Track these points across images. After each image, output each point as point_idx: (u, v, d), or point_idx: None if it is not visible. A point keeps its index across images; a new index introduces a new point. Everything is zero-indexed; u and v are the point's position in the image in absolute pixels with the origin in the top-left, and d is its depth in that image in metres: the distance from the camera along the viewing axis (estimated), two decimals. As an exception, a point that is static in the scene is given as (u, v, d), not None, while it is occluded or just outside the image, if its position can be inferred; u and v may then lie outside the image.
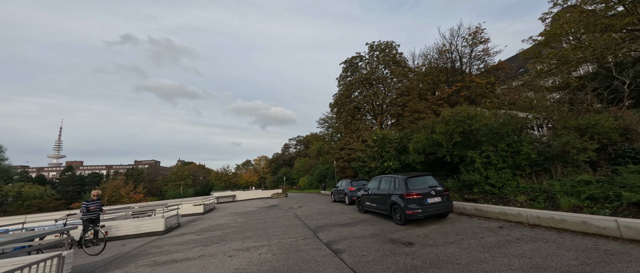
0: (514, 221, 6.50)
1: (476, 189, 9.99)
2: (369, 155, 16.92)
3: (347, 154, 21.87)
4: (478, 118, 9.69)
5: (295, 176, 56.95)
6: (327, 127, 53.33)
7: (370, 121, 24.28)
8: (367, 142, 17.31)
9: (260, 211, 14.51)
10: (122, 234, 8.24)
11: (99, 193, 7.46)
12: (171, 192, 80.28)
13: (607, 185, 6.55)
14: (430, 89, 25.09)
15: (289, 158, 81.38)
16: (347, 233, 6.94)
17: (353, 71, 25.08)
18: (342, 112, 24.88)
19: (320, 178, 39.89)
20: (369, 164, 16.71)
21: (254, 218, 11.34)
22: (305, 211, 12.26)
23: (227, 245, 6.52)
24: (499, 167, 9.41)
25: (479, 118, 9.67)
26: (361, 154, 17.38)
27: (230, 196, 26.48)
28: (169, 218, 9.63)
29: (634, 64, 10.54)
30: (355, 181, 13.92)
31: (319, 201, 17.08)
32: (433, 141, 12.34)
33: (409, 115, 20.28)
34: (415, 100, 21.56)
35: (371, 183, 9.88)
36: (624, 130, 7.36)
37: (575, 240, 4.69)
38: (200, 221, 11.75)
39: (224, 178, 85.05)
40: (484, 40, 22.52)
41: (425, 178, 7.83)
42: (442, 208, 7.11)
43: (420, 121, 17.23)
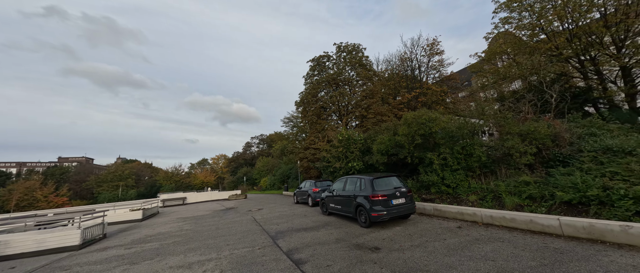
0: (470, 221, 6.78)
1: (433, 189, 10.45)
2: (334, 155, 16.72)
3: (311, 154, 21.42)
4: (438, 121, 10.15)
5: (257, 177, 54.45)
6: (291, 126, 52.33)
7: (336, 121, 24.31)
8: (332, 142, 17.11)
9: (213, 215, 12.99)
10: (16, 252, 6.19)
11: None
12: (106, 194, 69.03)
13: (543, 186, 7.31)
14: (392, 93, 26.33)
15: (251, 158, 77.66)
16: (310, 238, 6.36)
17: (320, 70, 24.80)
18: (307, 111, 24.35)
19: (283, 178, 38.71)
20: (333, 165, 16.49)
21: (205, 224, 9.97)
22: (265, 215, 11.32)
23: (163, 261, 5.32)
24: (454, 168, 9.98)
25: (438, 121, 10.14)
26: (326, 154, 17.08)
27: (180, 199, 23.61)
28: (90, 229, 7.72)
29: (555, 82, 12.50)
30: (320, 182, 13.49)
31: (281, 203, 16.21)
32: (395, 142, 12.64)
33: (372, 117, 20.80)
34: (379, 103, 22.27)
35: (336, 183, 9.52)
36: (554, 136, 8.43)
37: (526, 238, 4.94)
38: (136, 230, 9.84)
39: (175, 178, 76.69)
40: (440, 52, 24.56)
41: (390, 179, 7.74)
42: (405, 210, 7.07)
43: (383, 123, 17.72)
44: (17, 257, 6.21)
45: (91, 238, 7.85)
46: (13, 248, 6.19)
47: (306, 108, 24.55)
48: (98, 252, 6.50)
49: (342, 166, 16.18)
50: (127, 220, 12.61)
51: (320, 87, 23.87)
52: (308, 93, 23.72)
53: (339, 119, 23.83)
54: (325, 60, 24.54)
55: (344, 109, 23.10)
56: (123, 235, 8.84)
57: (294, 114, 50.48)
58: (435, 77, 26.04)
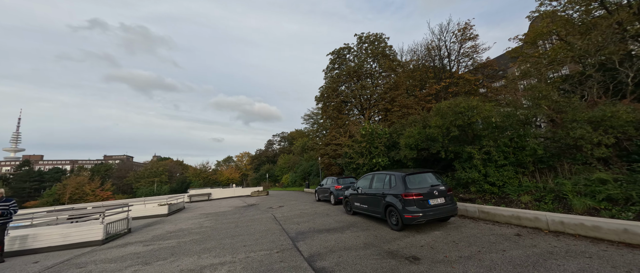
0: (530, 227, 5.54)
1: (474, 188, 9.13)
2: (357, 151, 15.78)
3: (333, 150, 20.65)
4: (479, 109, 8.78)
5: (278, 173, 55.09)
6: (312, 123, 52.00)
7: (357, 116, 23.23)
8: (354, 137, 16.17)
9: (234, 212, 12.84)
10: (43, 246, 6.30)
11: (2, 193, 5.47)
12: (143, 189, 74.88)
13: (628, 185, 5.79)
14: (418, 85, 24.50)
15: (273, 155, 79.05)
16: (334, 242, 5.63)
17: (340, 63, 23.83)
18: (328, 106, 23.57)
19: (304, 175, 38.49)
20: (356, 161, 15.57)
21: (225, 221, 9.72)
22: (285, 212, 10.82)
23: (175, 262, 4.94)
24: (500, 164, 8.57)
25: (480, 110, 8.75)
26: (348, 150, 16.20)
27: (205, 195, 24.29)
28: (114, 224, 7.75)
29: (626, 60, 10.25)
30: (342, 179, 12.70)
31: (302, 200, 15.70)
32: (426, 135, 11.38)
33: (397, 110, 19.42)
34: (404, 95, 20.76)
35: (361, 181, 8.65)
36: (638, 124, 6.72)
37: (624, 254, 3.71)
38: (159, 226, 9.90)
39: (203, 175, 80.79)
40: (473, 36, 22.18)
41: (425, 176, 6.70)
42: (445, 211, 6.01)
43: (410, 117, 16.35)
44: (44, 251, 6.32)
45: (115, 233, 7.90)
46: (40, 241, 6.30)
47: (326, 102, 23.78)
48: (117, 248, 6.40)
49: (366, 162, 15.20)
50: (155, 214, 12.94)
51: (340, 81, 22.93)
52: (328, 87, 22.91)
53: (361, 113, 22.72)
54: (346, 52, 23.50)
55: (366, 102, 21.93)
56: (146, 230, 8.86)
57: (314, 110, 50.00)
58: (467, 65, 23.68)
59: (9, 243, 6.09)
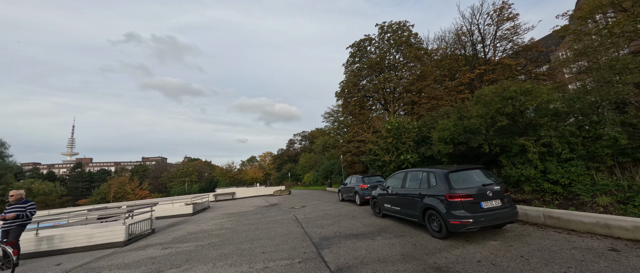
0: (627, 239, 4.21)
1: (528, 187, 7.69)
2: (382, 147, 14.68)
3: (355, 148, 19.66)
4: (535, 93, 7.30)
5: (300, 172, 55.16)
6: (332, 121, 51.18)
7: (381, 110, 21.91)
8: (379, 133, 15.07)
9: (256, 212, 12.53)
10: (69, 246, 6.33)
11: (22, 194, 5.48)
12: (176, 188, 79.81)
13: None
14: (448, 75, 22.47)
15: (294, 154, 79.68)
16: (364, 251, 4.81)
17: (361, 56, 22.67)
18: (349, 101, 22.57)
19: (325, 174, 37.85)
20: (382, 158, 14.48)
21: (246, 222, 9.34)
22: (308, 213, 10.18)
23: (189, 271, 4.48)
24: (564, 157, 7.06)
25: (536, 93, 7.28)
26: (373, 146, 15.16)
27: (230, 194, 24.71)
28: (137, 224, 7.68)
29: None
30: (368, 178, 11.74)
31: (325, 200, 15.00)
32: (464, 128, 10.02)
33: (426, 102, 17.84)
34: (432, 86, 19.06)
35: (391, 179, 7.68)
36: None
37: None
38: (182, 226, 9.83)
39: (229, 174, 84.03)
40: (512, 16, 19.68)
41: (471, 173, 5.57)
42: (503, 216, 4.87)
43: (441, 109, 14.82)
44: (69, 252, 6.34)
45: (139, 234, 7.85)
46: (67, 242, 6.34)
47: (347, 98, 22.80)
48: (136, 251, 6.21)
49: (392, 159, 14.05)
50: (181, 213, 13.10)
51: (361, 75, 21.79)
52: (348, 82, 21.90)
53: (384, 107, 21.39)
54: (367, 44, 22.28)
55: (390, 96, 20.55)
56: (169, 231, 8.77)
57: (335, 108, 49.09)
58: (506, 49, 21.13)
59: (37, 244, 6.18)
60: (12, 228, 5.00)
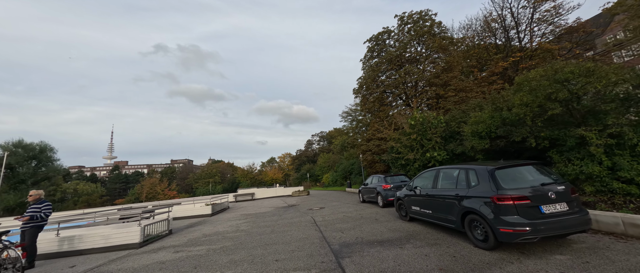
0: None
1: (590, 187, 6.39)
2: (405, 145, 13.63)
3: (376, 146, 18.69)
4: (599, 73, 6.01)
5: (319, 173, 54.78)
6: (350, 120, 50.20)
7: (402, 106, 20.67)
8: (402, 129, 14.03)
9: (273, 213, 12.16)
10: (87, 247, 6.32)
11: (41, 194, 5.50)
12: (201, 189, 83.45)
13: None
14: (477, 65, 20.62)
15: (313, 155, 79.59)
16: (392, 262, 4.07)
17: (380, 50, 21.62)
18: (367, 98, 21.62)
19: (344, 174, 37.01)
20: (405, 156, 13.45)
21: (262, 225, 8.94)
22: (326, 216, 9.56)
23: (195, 279, 4.07)
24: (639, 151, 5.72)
25: (600, 74, 5.98)
26: (395, 144, 14.15)
27: (249, 194, 24.87)
28: (153, 225, 7.59)
29: None
30: (390, 177, 10.83)
31: (345, 201, 14.27)
32: (503, 119, 8.80)
33: (453, 95, 16.41)
34: (460, 77, 17.51)
35: (420, 179, 6.80)
36: None
37: None
38: (200, 227, 9.69)
39: (250, 175, 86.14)
40: (552, -5, 17.49)
41: (522, 170, 4.57)
42: (572, 224, 3.85)
43: (471, 101, 13.43)
44: (87, 252, 6.33)
45: (157, 235, 7.75)
46: (85, 243, 6.33)
47: (365, 95, 21.87)
48: (149, 253, 6.01)
49: (417, 157, 12.97)
50: (200, 214, 13.15)
51: (380, 70, 20.74)
52: (367, 78, 20.97)
53: (406, 103, 20.13)
54: (386, 37, 21.19)
55: (412, 90, 19.28)
56: (185, 233, 8.63)
57: (352, 107, 48.04)
58: (545, 33, 18.86)
59: (59, 244, 6.24)
60: (27, 229, 5.01)
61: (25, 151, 47.42)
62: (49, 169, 51.41)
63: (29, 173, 47.83)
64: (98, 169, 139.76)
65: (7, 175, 46.49)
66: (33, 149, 48.47)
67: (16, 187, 45.23)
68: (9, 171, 46.55)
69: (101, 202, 73.44)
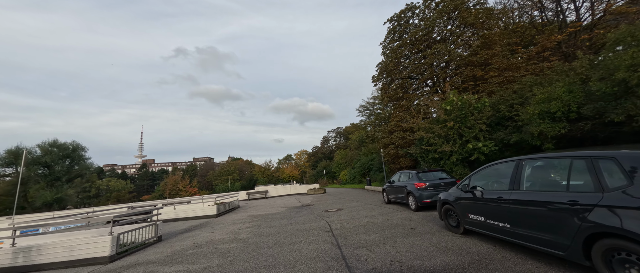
0: None
1: None
2: (439, 134, 11.36)
3: (400, 138, 16.44)
4: None
5: (336, 170, 52.93)
6: (368, 115, 47.72)
7: (429, 93, 18.11)
8: (436, 116, 11.75)
9: (284, 215, 10.58)
10: (47, 261, 5.08)
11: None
12: (221, 186, 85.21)
13: None
14: (521, 42, 17.46)
15: (329, 151, 77.88)
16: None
17: (402, 32, 19.15)
18: (388, 85, 19.32)
19: (363, 170, 34.81)
20: (439, 148, 11.18)
21: (266, 231, 7.34)
22: (345, 221, 7.74)
23: None
24: None
25: None
26: (425, 134, 11.92)
27: (263, 192, 23.71)
28: (134, 232, 6.24)
29: None
30: (423, 173, 8.70)
31: (365, 201, 12.34)
32: (590, 93, 6.41)
33: (495, 75, 13.71)
34: (504, 53, 14.67)
35: (481, 176, 4.73)
36: None
37: None
38: (197, 232, 8.33)
39: (267, 172, 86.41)
40: (624, -53, 13.99)
41: None
42: None
43: (524, 79, 10.83)
44: (47, 268, 5.08)
45: (140, 243, 6.43)
46: (44, 256, 5.09)
47: (386, 82, 19.57)
48: (118, 272, 4.59)
49: (455, 149, 10.67)
50: (204, 215, 11.93)
51: (404, 54, 18.32)
52: (388, 62, 18.63)
53: (434, 89, 17.56)
54: (409, 14, 18.67)
55: (442, 73, 16.68)
56: (175, 240, 7.26)
57: (370, 100, 45.49)
58: None
59: (12, 257, 5.04)
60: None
61: (60, 150, 50.38)
62: (81, 167, 54.49)
63: (64, 171, 50.82)
64: (128, 167, 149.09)
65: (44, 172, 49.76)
66: (66, 148, 51.43)
67: (53, 184, 48.19)
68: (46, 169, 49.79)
69: (129, 198, 77.48)
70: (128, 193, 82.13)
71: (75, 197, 55.38)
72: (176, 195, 74.94)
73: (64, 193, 48.45)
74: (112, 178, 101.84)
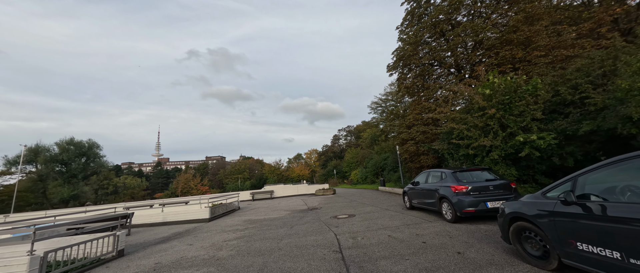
0: None
1: None
2: (475, 125, 9.24)
3: (420, 133, 14.30)
4: None
5: (346, 169, 50.85)
6: (381, 112, 45.33)
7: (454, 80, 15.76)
8: (472, 102, 9.57)
9: (284, 222, 8.85)
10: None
11: None
12: (231, 185, 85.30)
13: None
14: (564, 20, 14.77)
15: (339, 151, 75.77)
16: None
17: (421, 15, 16.91)
18: (406, 74, 17.17)
19: (375, 170, 32.62)
20: (474, 142, 9.04)
21: (255, 248, 5.62)
22: (359, 234, 5.87)
23: None
24: None
25: None
26: (456, 125, 9.78)
27: (268, 192, 22.18)
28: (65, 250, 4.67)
29: None
30: (463, 173, 6.64)
31: (381, 205, 10.39)
32: None
33: (541, 55, 11.30)
34: (547, 32, 12.19)
35: (601, 175, 2.75)
36: None
37: None
38: (173, 243, 6.76)
39: (276, 171, 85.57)
40: None
41: None
42: None
43: (589, 53, 8.48)
44: None
45: (87, 262, 4.87)
46: None
47: (403, 72, 17.41)
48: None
49: (497, 143, 8.53)
50: (195, 219, 10.43)
51: (424, 37, 16.10)
52: (406, 48, 16.47)
53: (461, 77, 15.20)
54: (431, -9, 16.39)
55: (472, 54, 14.31)
56: (140, 256, 5.68)
57: (382, 97, 43.10)
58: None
59: None
60: None
61: (76, 148, 51.49)
62: (96, 165, 55.61)
63: (80, 168, 51.94)
64: (144, 165, 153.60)
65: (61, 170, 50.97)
66: (83, 146, 52.54)
67: (69, 181, 49.25)
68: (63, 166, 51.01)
69: (142, 196, 79.08)
70: (142, 191, 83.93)
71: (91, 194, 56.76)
72: (188, 193, 75.53)
73: (80, 190, 49.50)
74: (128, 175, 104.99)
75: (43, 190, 48.44)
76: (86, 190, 52.13)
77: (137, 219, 10.24)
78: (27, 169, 48.62)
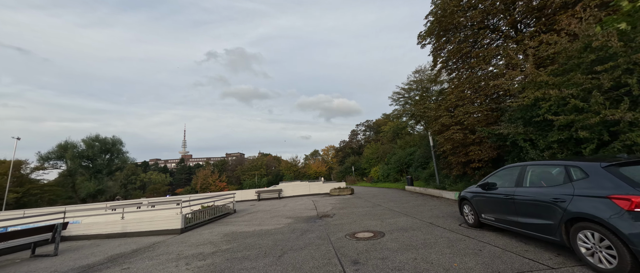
0: None
1: None
2: (596, 86, 5.42)
3: (469, 115, 10.48)
4: None
5: (366, 166, 47.00)
6: (403, 103, 40.85)
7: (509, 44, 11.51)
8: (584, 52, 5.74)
9: (279, 239, 5.79)
10: None
11: None
12: (248, 181, 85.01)
13: None
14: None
15: (358, 146, 71.71)
16: None
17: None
18: (447, 38, 13.25)
19: (399, 166, 28.69)
20: (590, 117, 5.25)
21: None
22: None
23: None
24: None
25: None
26: (551, 91, 5.98)
27: (276, 191, 19.45)
28: None
29: None
30: (636, 167, 3.13)
31: (421, 216, 6.94)
32: None
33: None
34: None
35: None
36: None
37: None
38: None
39: (293, 168, 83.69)
40: None
41: None
42: None
43: None
44: None
45: None
46: None
47: (441, 33, 13.48)
48: None
49: (635, 117, 4.57)
50: (163, 229, 7.75)
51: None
52: (445, 7, 12.50)
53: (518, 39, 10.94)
54: None
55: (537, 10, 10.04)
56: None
57: (405, 86, 38.56)
58: None
59: None
60: None
61: (101, 145, 53.11)
62: (120, 160, 57.26)
63: (104, 164, 53.58)
64: (170, 161, 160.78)
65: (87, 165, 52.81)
66: (107, 142, 54.09)
67: (95, 176, 50.88)
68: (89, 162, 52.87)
69: (164, 191, 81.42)
70: (165, 186, 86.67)
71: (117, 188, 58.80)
72: (206, 189, 76.37)
73: (105, 185, 51.11)
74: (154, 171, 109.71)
75: (72, 185, 50.56)
76: (111, 185, 53.78)
77: (91, 228, 7.82)
78: (58, 165, 50.94)
